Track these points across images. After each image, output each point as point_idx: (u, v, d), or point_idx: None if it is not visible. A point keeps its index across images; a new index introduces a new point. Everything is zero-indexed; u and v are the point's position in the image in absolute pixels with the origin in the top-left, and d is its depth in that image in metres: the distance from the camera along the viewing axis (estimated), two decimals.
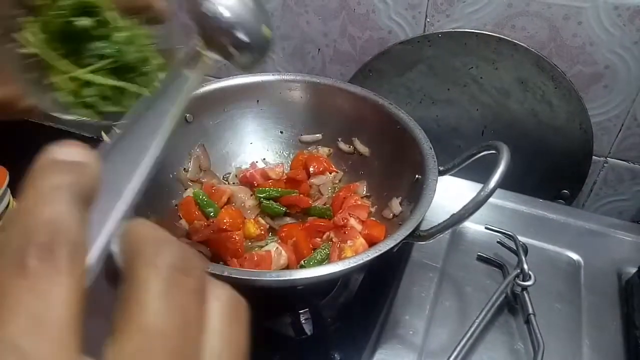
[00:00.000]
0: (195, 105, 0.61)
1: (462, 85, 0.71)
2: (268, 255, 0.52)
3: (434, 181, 0.49)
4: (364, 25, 0.72)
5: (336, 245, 0.54)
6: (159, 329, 0.13)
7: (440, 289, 0.56)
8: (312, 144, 0.66)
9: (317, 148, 0.66)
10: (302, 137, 0.66)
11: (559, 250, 0.61)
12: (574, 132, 0.68)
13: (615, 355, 0.50)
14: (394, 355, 0.49)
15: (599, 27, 0.61)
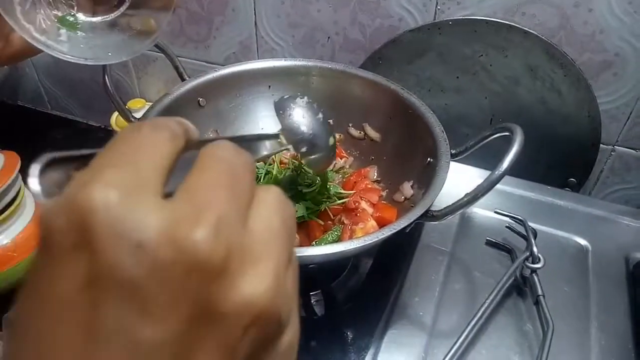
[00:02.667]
0: (208, 89, 0.61)
1: (471, 73, 0.71)
2: None
3: (446, 164, 0.50)
4: (374, 13, 0.73)
5: (347, 227, 0.54)
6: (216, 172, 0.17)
7: (450, 273, 0.57)
8: None
9: None
10: None
11: (567, 236, 0.62)
12: (582, 120, 0.69)
13: (623, 336, 0.51)
14: (404, 335, 0.50)
15: (609, 14, 0.61)
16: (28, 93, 1.14)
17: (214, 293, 0.15)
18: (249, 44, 0.84)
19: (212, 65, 0.89)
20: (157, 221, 0.15)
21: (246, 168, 0.18)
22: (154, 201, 0.15)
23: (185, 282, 0.15)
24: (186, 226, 0.15)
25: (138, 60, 0.96)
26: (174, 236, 0.14)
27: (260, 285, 0.16)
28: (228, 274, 0.15)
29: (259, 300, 0.16)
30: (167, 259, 0.14)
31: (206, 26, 0.85)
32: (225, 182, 0.16)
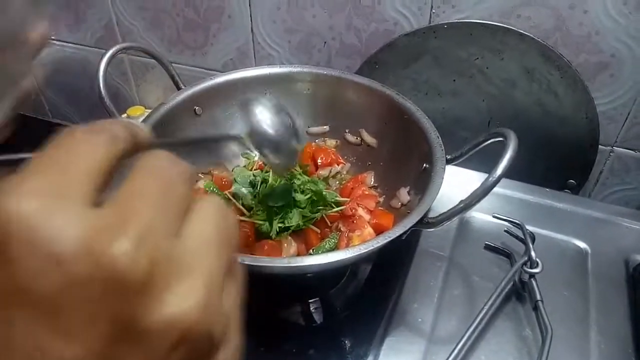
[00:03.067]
0: (204, 97, 0.62)
1: (468, 76, 0.71)
2: (278, 244, 0.53)
3: (441, 169, 0.50)
4: (370, 17, 0.73)
5: (344, 235, 0.54)
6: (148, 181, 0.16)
7: (448, 278, 0.57)
8: (320, 136, 0.67)
9: (324, 140, 0.67)
10: (309, 129, 0.67)
11: (566, 238, 0.62)
12: (580, 121, 0.69)
13: (623, 341, 0.50)
14: (403, 342, 0.50)
15: (605, 15, 0.61)
16: (29, 102, 1.15)
17: (135, 310, 0.14)
18: (245, 50, 0.84)
19: (209, 71, 0.90)
20: (76, 231, 0.13)
21: (181, 177, 0.17)
22: (77, 209, 0.14)
23: (103, 298, 0.13)
24: (106, 237, 0.14)
25: (136, 68, 0.97)
26: (92, 248, 0.13)
27: (187, 301, 0.15)
28: (151, 290, 0.14)
29: (185, 317, 0.14)
30: (84, 273, 0.13)
31: (203, 33, 0.85)
32: (155, 191, 0.15)
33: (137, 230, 0.14)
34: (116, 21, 0.91)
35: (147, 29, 0.89)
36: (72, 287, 0.13)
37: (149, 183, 0.16)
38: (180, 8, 0.84)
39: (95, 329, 0.14)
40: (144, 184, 0.15)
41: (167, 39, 0.89)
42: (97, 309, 0.13)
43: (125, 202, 0.15)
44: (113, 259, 0.13)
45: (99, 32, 0.94)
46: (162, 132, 0.57)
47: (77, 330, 0.13)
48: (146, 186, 0.15)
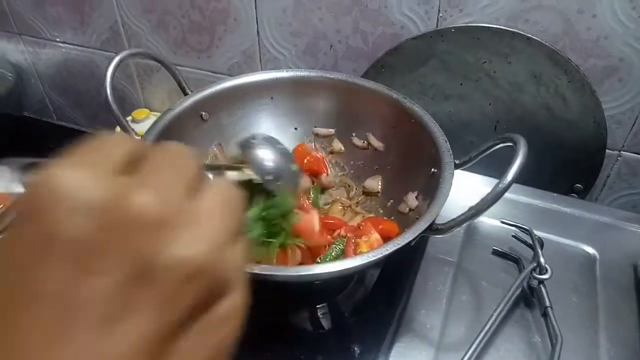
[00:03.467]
0: (211, 103, 0.62)
1: (475, 80, 0.71)
2: (283, 251, 0.53)
3: (450, 174, 0.49)
4: (376, 21, 0.72)
5: (351, 241, 0.54)
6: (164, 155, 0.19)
7: (456, 284, 0.57)
8: (325, 138, 0.67)
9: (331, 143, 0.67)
10: (315, 129, 0.67)
11: (573, 243, 0.61)
12: (587, 125, 0.68)
13: (633, 347, 0.50)
14: (412, 348, 0.50)
15: (613, 19, 0.61)
16: (34, 104, 1.15)
17: (152, 248, 0.16)
18: (251, 53, 0.84)
19: (215, 74, 0.90)
20: (106, 188, 0.16)
21: (187, 158, 0.20)
22: (106, 176, 0.17)
23: (124, 240, 0.16)
24: (130, 192, 0.17)
25: (142, 70, 0.97)
26: (116, 198, 0.16)
27: (197, 246, 0.17)
28: (165, 233, 0.17)
29: (192, 258, 0.17)
30: (110, 219, 0.16)
31: (208, 36, 0.85)
32: (168, 164, 0.19)
33: (154, 188, 0.17)
34: (122, 23, 0.91)
35: (153, 32, 0.89)
36: (98, 231, 0.16)
37: (164, 161, 0.19)
38: (186, 10, 0.83)
39: (120, 264, 0.16)
40: (160, 162, 0.19)
41: (172, 41, 0.89)
42: (121, 248, 0.16)
43: (144, 172, 0.18)
44: (134, 206, 0.16)
45: (105, 35, 0.94)
46: (169, 138, 0.57)
47: (105, 266, 0.16)
48: (161, 163, 0.19)
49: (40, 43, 1.02)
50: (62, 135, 1.12)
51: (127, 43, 0.93)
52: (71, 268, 0.16)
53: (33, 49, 1.04)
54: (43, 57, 1.04)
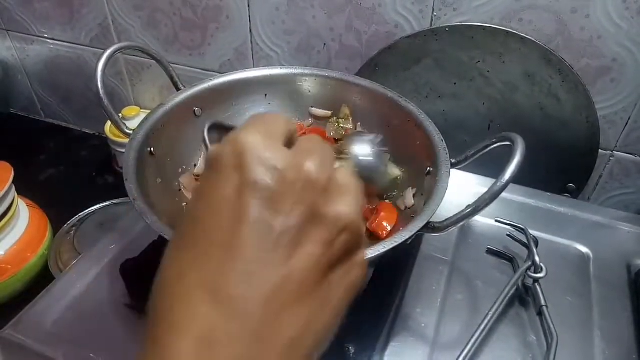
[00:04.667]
0: (204, 99, 0.61)
1: (468, 79, 0.71)
2: None
3: (447, 173, 0.49)
4: (370, 19, 0.72)
5: None
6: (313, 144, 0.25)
7: (451, 283, 0.56)
8: (323, 120, 0.66)
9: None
10: (312, 109, 0.66)
11: (567, 243, 0.61)
12: (580, 125, 0.69)
13: (627, 346, 0.50)
14: (407, 347, 0.49)
15: (607, 20, 0.61)
16: (21, 101, 1.13)
17: (320, 203, 0.22)
18: (244, 50, 0.83)
19: (207, 72, 0.89)
20: (284, 155, 0.23)
21: (328, 146, 0.26)
22: (281, 146, 0.23)
23: (302, 193, 0.22)
24: (302, 160, 0.23)
25: (132, 67, 0.95)
26: (295, 164, 0.22)
27: (349, 206, 0.23)
28: (328, 194, 0.23)
29: (348, 215, 0.23)
30: (291, 177, 0.22)
31: (200, 33, 0.84)
32: (318, 147, 0.24)
33: (316, 160, 0.23)
34: (112, 20, 0.89)
35: (144, 29, 0.88)
36: (284, 185, 0.22)
37: (312, 144, 0.25)
38: (178, 7, 0.82)
39: (298, 208, 0.22)
40: (310, 145, 0.24)
41: (163, 38, 0.88)
42: (298, 198, 0.22)
43: (304, 149, 0.24)
44: (306, 171, 0.23)
45: (94, 31, 0.93)
46: (161, 134, 0.56)
47: (286, 209, 0.22)
48: (311, 145, 0.24)
49: (27, 39, 1.00)
50: (49, 133, 1.10)
51: (117, 40, 0.92)
52: (267, 206, 0.21)
53: (20, 45, 1.02)
54: (31, 53, 1.02)
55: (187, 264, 0.22)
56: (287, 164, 0.22)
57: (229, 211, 0.22)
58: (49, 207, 0.81)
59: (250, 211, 0.21)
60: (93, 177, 0.98)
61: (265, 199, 0.21)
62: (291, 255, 0.22)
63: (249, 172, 0.22)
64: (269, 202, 0.21)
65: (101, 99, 0.53)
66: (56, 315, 0.52)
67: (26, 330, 0.50)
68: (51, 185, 0.96)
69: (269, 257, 0.21)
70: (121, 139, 0.90)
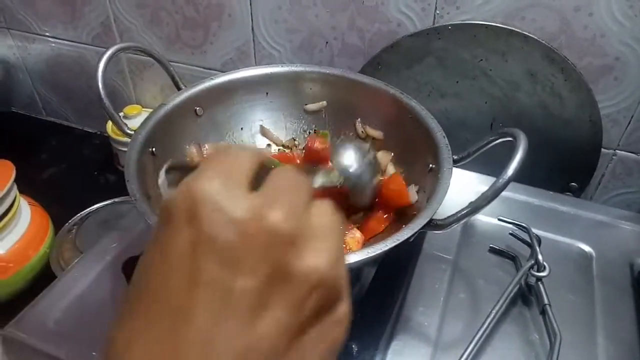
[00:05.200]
0: (205, 98, 0.60)
1: (471, 78, 0.70)
2: None
3: (449, 170, 0.49)
4: (373, 17, 0.72)
5: None
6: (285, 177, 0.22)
7: (453, 281, 0.56)
8: (318, 112, 0.66)
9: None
10: (307, 106, 0.65)
11: (570, 242, 0.61)
12: (583, 124, 0.68)
13: (631, 345, 0.50)
14: (409, 346, 0.49)
15: (610, 18, 0.61)
16: (22, 99, 1.13)
17: (287, 258, 0.20)
18: (246, 49, 0.83)
19: (208, 70, 0.89)
20: (246, 204, 0.20)
21: (303, 181, 0.23)
22: (243, 191, 0.21)
23: (265, 248, 0.19)
24: (265, 210, 0.20)
25: (133, 66, 0.95)
26: (258, 214, 0.20)
27: (323, 258, 0.20)
28: (298, 246, 0.20)
29: (321, 269, 0.20)
30: (253, 230, 0.19)
31: (202, 32, 0.84)
32: (289, 186, 0.22)
33: (285, 206, 0.20)
34: (113, 18, 0.89)
35: (146, 27, 0.88)
36: (245, 240, 0.19)
37: (285, 181, 0.22)
38: (180, 6, 0.82)
39: (260, 268, 0.19)
40: (282, 182, 0.22)
41: (165, 37, 0.87)
42: (261, 255, 0.19)
43: (272, 191, 0.21)
44: (273, 221, 0.20)
45: (96, 30, 0.93)
46: (163, 134, 0.56)
47: (248, 267, 0.19)
48: (284, 183, 0.22)
49: (29, 38, 1.00)
50: (51, 131, 1.10)
51: (119, 38, 0.92)
52: (226, 265, 0.19)
53: (22, 43, 1.02)
54: (32, 52, 1.02)
55: (136, 333, 0.19)
56: (249, 214, 0.20)
57: (183, 271, 0.19)
58: (50, 205, 0.81)
59: (206, 271, 0.19)
60: (95, 176, 0.98)
61: (222, 256, 0.19)
62: (254, 321, 0.19)
63: (203, 225, 0.19)
64: (228, 260, 0.19)
65: (102, 100, 0.53)
66: (58, 314, 0.52)
67: (28, 328, 0.50)
68: (53, 184, 0.96)
69: (228, 324, 0.19)
70: (123, 137, 0.90)
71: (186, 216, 0.20)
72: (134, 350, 0.19)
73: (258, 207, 0.20)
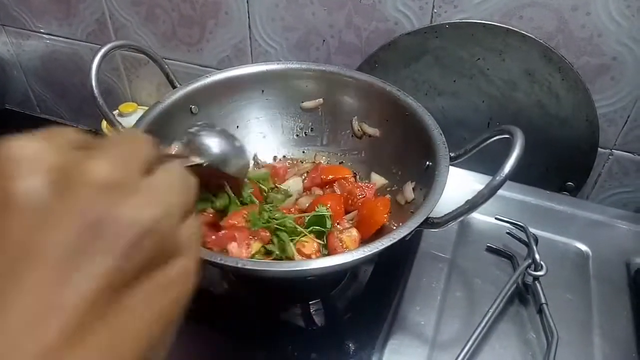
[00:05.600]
0: (200, 96, 0.60)
1: (468, 76, 0.70)
2: None
3: (446, 167, 0.49)
4: (370, 16, 0.72)
5: (334, 236, 0.53)
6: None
7: (450, 280, 0.56)
8: (315, 110, 0.65)
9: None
10: (303, 104, 0.65)
11: (567, 241, 0.61)
12: (580, 123, 0.68)
13: (626, 344, 0.50)
14: (406, 345, 0.49)
15: (607, 17, 0.61)
16: (16, 96, 1.12)
17: (101, 207, 0.19)
18: (242, 47, 0.83)
19: (204, 68, 0.88)
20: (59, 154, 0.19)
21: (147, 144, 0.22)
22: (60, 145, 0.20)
23: (76, 196, 0.18)
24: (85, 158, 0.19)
25: (129, 63, 0.95)
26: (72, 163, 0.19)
27: (149, 210, 0.19)
28: (117, 196, 0.19)
29: (144, 221, 0.19)
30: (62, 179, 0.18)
31: (199, 29, 0.83)
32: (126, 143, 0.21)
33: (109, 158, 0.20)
34: (109, 15, 0.89)
35: (141, 24, 0.87)
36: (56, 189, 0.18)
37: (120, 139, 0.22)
38: (176, 3, 0.82)
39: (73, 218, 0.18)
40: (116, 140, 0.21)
41: (161, 34, 0.87)
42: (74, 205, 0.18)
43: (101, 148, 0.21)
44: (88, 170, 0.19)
45: (91, 27, 0.92)
46: (158, 132, 0.55)
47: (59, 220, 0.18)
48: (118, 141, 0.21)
49: (24, 34, 0.99)
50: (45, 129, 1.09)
51: (114, 36, 0.91)
52: (29, 221, 0.18)
53: (16, 40, 1.01)
54: (27, 48, 1.01)
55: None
56: (65, 165, 0.19)
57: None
58: None
59: (7, 230, 0.18)
60: None
61: (30, 211, 0.18)
62: (67, 279, 0.17)
63: (10, 180, 0.18)
64: (35, 215, 0.18)
65: (95, 98, 0.53)
66: None
67: None
68: None
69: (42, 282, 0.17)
70: None
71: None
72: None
73: (76, 158, 0.19)
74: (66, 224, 0.18)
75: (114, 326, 0.18)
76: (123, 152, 0.20)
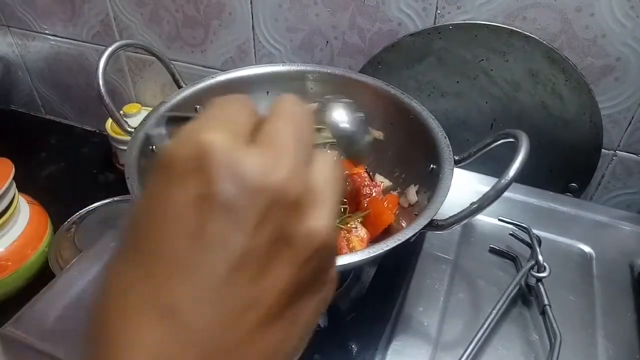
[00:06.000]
0: (205, 96, 0.60)
1: (472, 77, 0.70)
2: None
3: (450, 170, 0.49)
4: (374, 17, 0.72)
5: (340, 235, 0.53)
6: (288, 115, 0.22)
7: (453, 282, 0.56)
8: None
9: None
10: None
11: (570, 242, 0.61)
12: (583, 125, 0.68)
13: (630, 346, 0.50)
14: (409, 346, 0.49)
15: (611, 18, 0.61)
16: (21, 97, 1.13)
17: (290, 220, 0.19)
18: (246, 48, 0.83)
19: (208, 69, 0.88)
20: (254, 160, 0.19)
21: (308, 121, 0.22)
22: (247, 144, 0.20)
23: (270, 209, 0.19)
24: (272, 166, 0.19)
25: (133, 64, 0.95)
26: (265, 172, 0.19)
27: (324, 221, 0.20)
28: (301, 208, 0.20)
29: (322, 233, 0.20)
30: (260, 189, 0.19)
31: (203, 30, 0.84)
32: (293, 133, 0.21)
33: (289, 163, 0.20)
34: (113, 16, 0.89)
35: (145, 25, 0.88)
36: (249, 196, 0.19)
37: (288, 125, 0.21)
38: (180, 4, 0.82)
39: (264, 228, 0.19)
40: (285, 126, 0.21)
41: (165, 35, 0.87)
42: (266, 215, 0.19)
43: (275, 141, 0.20)
44: (277, 181, 0.19)
45: (96, 28, 0.92)
46: None
47: (249, 226, 0.19)
48: (287, 128, 0.21)
49: (28, 35, 1.00)
50: (50, 129, 1.10)
51: (119, 37, 0.91)
52: (232, 222, 0.19)
53: (21, 41, 1.02)
54: (32, 49, 1.02)
55: (139, 281, 0.19)
56: (257, 171, 0.19)
57: (186, 224, 0.19)
58: (49, 204, 0.81)
59: (212, 227, 0.19)
60: (94, 174, 0.98)
61: (226, 214, 0.18)
62: (257, 278, 0.19)
63: (211, 178, 0.18)
64: (231, 218, 0.19)
65: (102, 97, 0.53)
66: (57, 312, 0.52)
67: (27, 327, 0.50)
68: (52, 182, 0.96)
69: (232, 280, 0.19)
70: (122, 136, 0.90)
71: (192, 167, 0.19)
72: (134, 295, 0.19)
73: (264, 165, 0.19)
74: (260, 231, 0.19)
75: (287, 324, 0.20)
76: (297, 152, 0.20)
